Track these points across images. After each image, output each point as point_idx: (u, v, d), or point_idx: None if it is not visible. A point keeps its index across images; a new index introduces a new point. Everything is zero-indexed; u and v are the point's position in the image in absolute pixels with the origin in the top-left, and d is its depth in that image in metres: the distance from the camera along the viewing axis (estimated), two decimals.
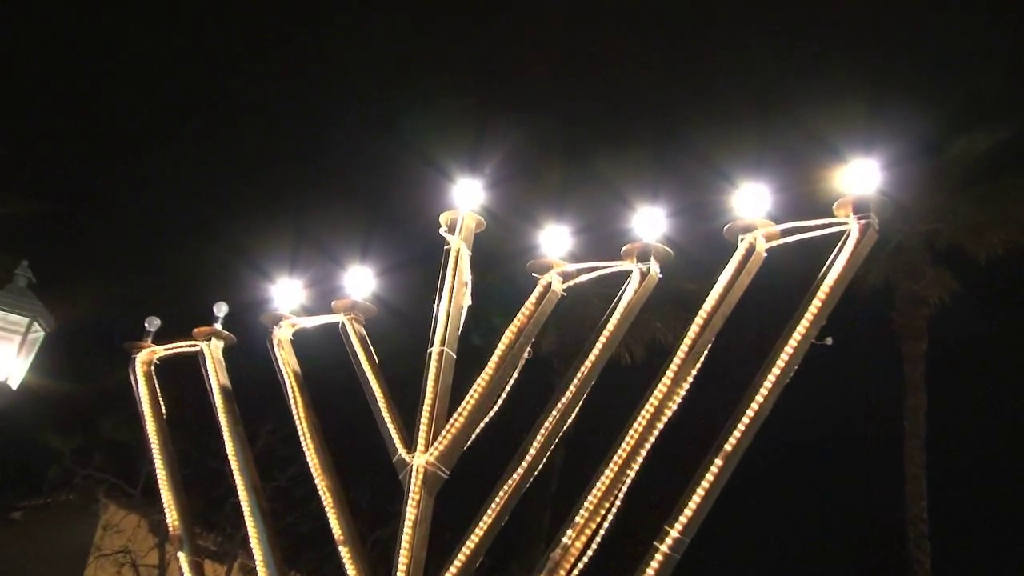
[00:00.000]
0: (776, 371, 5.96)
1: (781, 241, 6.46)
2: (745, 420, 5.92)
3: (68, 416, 19.54)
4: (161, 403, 8.69)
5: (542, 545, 20.24)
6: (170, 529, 8.21)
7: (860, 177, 6.16)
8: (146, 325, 8.92)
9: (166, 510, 8.26)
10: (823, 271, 6.09)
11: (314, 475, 7.51)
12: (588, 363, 6.80)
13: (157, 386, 8.77)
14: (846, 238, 6.10)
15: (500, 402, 7.08)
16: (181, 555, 8.00)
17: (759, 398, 5.94)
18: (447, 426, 6.97)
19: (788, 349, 5.97)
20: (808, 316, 5.97)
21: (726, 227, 6.52)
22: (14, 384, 9.08)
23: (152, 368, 8.83)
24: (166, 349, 8.85)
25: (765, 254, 6.47)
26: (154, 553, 19.58)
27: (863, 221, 6.08)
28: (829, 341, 6.01)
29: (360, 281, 8.04)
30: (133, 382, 8.80)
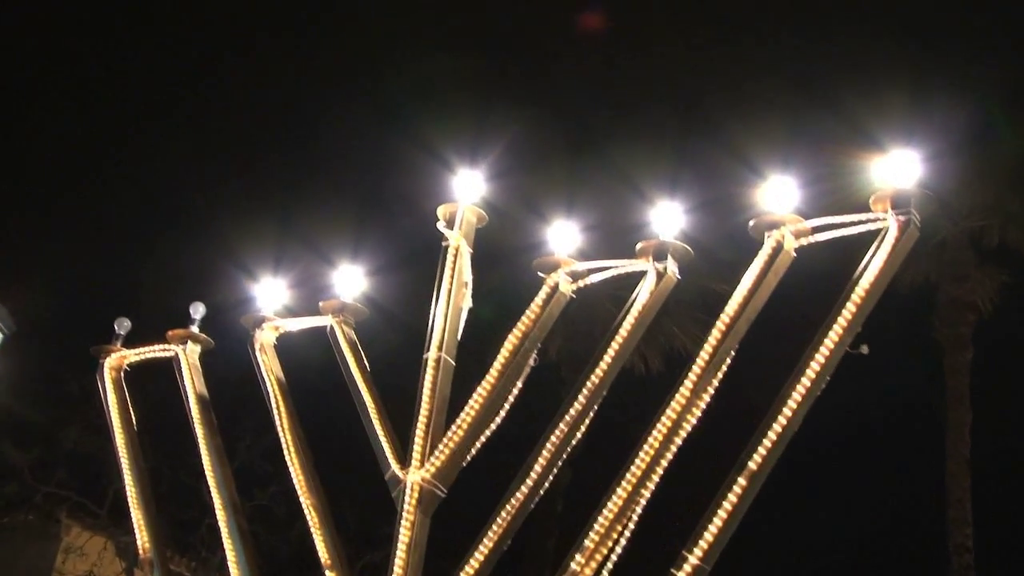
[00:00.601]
0: (806, 382, 5.97)
1: (812, 239, 6.47)
2: (771, 436, 5.93)
3: (27, 426, 19.55)
4: (132, 413, 8.71)
5: (547, 572, 20.25)
6: (140, 552, 8.24)
7: (899, 170, 6.17)
8: (115, 327, 8.94)
9: (136, 531, 8.29)
10: (858, 272, 6.10)
11: (299, 493, 7.54)
12: (599, 372, 6.81)
13: (127, 394, 8.80)
14: (884, 235, 6.11)
15: (503, 414, 7.10)
16: None
17: (787, 411, 5.96)
18: (444, 440, 6.98)
19: (819, 358, 5.98)
20: (841, 321, 5.98)
21: (751, 223, 6.54)
22: None
23: (122, 374, 8.86)
24: (137, 354, 8.88)
25: (794, 253, 6.49)
26: None
27: (903, 217, 6.09)
28: (865, 350, 6.02)
29: (350, 280, 8.07)
30: (101, 389, 8.82)
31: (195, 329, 8.66)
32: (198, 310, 8.72)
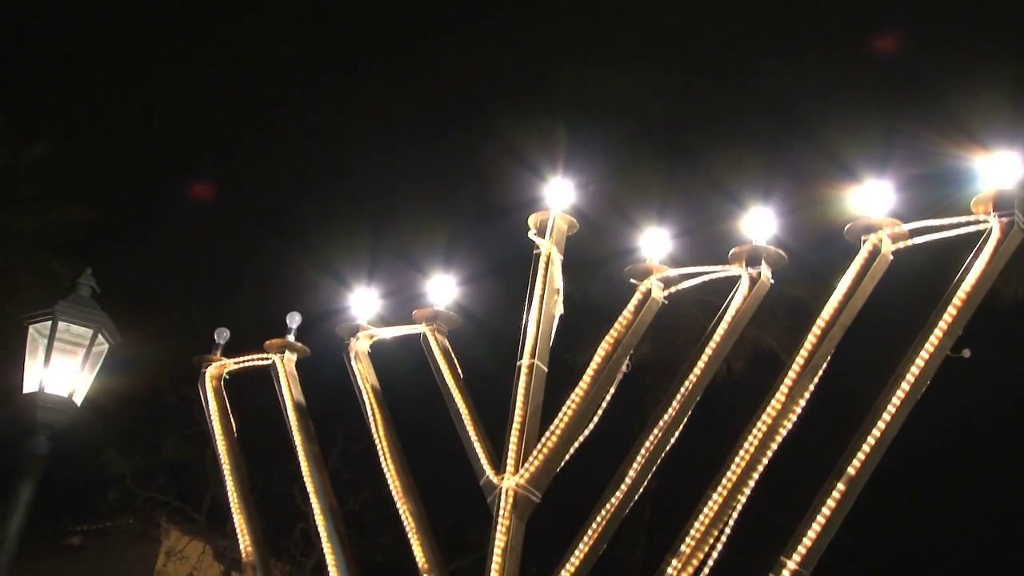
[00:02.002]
0: (905, 386, 5.88)
1: (909, 242, 6.38)
2: (870, 441, 5.86)
3: (131, 435, 20.13)
4: (232, 420, 8.93)
5: None
6: (243, 556, 8.40)
7: (1002, 171, 6.05)
8: (215, 337, 9.20)
9: (239, 535, 8.47)
10: (959, 275, 5.99)
11: (395, 498, 7.62)
12: (693, 378, 6.79)
13: (227, 402, 9.02)
14: (986, 238, 6.00)
15: (595, 420, 7.12)
16: None
17: (886, 416, 5.88)
18: (538, 446, 7.01)
19: (919, 362, 5.89)
20: (942, 324, 5.88)
21: (847, 227, 6.47)
22: (78, 400, 9.38)
23: (222, 383, 9.09)
24: (236, 363, 9.10)
25: (891, 257, 6.40)
26: None
27: (1005, 219, 5.97)
28: (967, 353, 5.91)
29: (443, 289, 8.17)
30: (203, 397, 9.06)
31: (291, 338, 8.85)
32: (294, 319, 8.91)
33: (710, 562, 6.25)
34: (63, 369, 9.28)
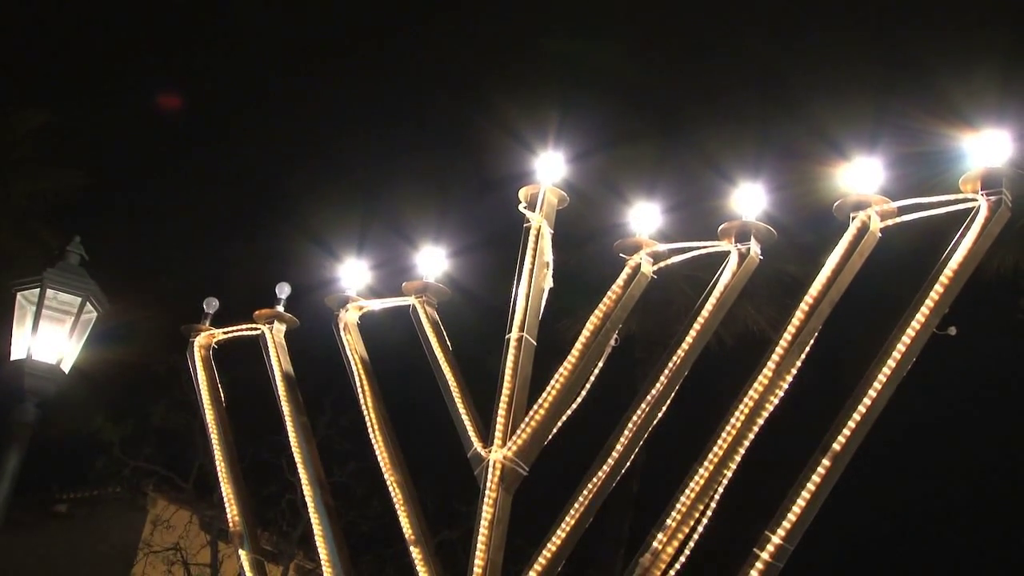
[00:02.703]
0: (891, 363, 5.91)
1: (898, 220, 6.40)
2: (856, 417, 5.90)
3: (118, 403, 20.15)
4: (220, 390, 8.95)
5: (622, 551, 20.31)
6: (230, 525, 8.44)
7: (990, 149, 6.06)
8: (204, 307, 9.19)
9: (226, 505, 8.50)
10: (946, 252, 6.02)
11: (383, 470, 7.65)
12: (681, 352, 6.81)
13: (216, 372, 9.03)
14: (973, 216, 6.02)
15: (584, 394, 7.15)
16: (243, 552, 8.23)
17: (872, 393, 5.91)
18: (526, 419, 7.04)
19: (905, 339, 5.92)
20: (929, 302, 5.91)
21: (836, 204, 6.49)
22: (66, 367, 9.38)
23: (210, 352, 9.10)
24: (225, 332, 9.10)
25: (880, 234, 6.42)
26: (206, 552, 20.10)
27: (993, 197, 5.99)
28: (952, 331, 5.95)
29: (432, 261, 8.18)
30: (191, 367, 9.07)
31: (281, 308, 8.85)
32: (284, 290, 8.91)
33: (695, 536, 6.30)
34: (51, 336, 9.28)
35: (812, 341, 6.39)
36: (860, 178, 6.44)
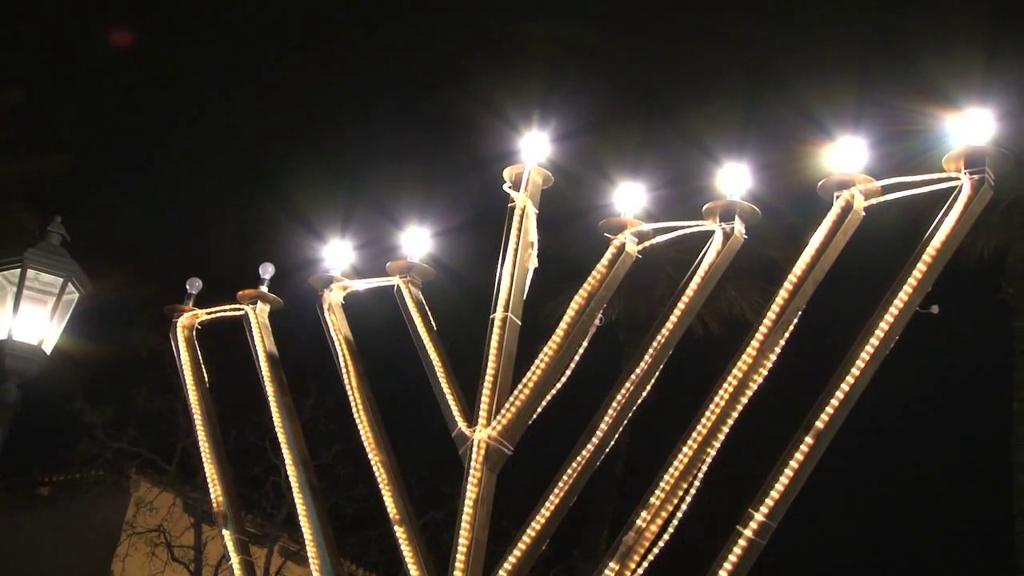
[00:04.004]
0: (874, 341, 5.95)
1: (882, 199, 6.43)
2: (839, 395, 5.94)
3: (101, 385, 20.07)
4: (204, 371, 8.93)
5: (605, 531, 20.42)
6: (214, 506, 8.44)
7: (973, 128, 6.09)
8: (187, 287, 9.16)
9: (210, 486, 8.49)
10: (930, 231, 6.06)
11: (367, 450, 7.67)
12: (665, 331, 6.84)
13: (199, 352, 9.01)
14: (956, 195, 6.05)
15: (568, 373, 7.17)
16: (226, 533, 8.24)
17: (854, 371, 5.95)
18: (511, 398, 7.06)
19: (888, 317, 5.96)
20: (912, 280, 5.95)
21: (820, 183, 6.51)
22: (48, 348, 9.35)
23: (194, 333, 9.07)
24: (208, 313, 9.08)
25: (863, 213, 6.45)
26: (189, 534, 20.09)
27: (976, 176, 6.02)
28: (935, 309, 5.99)
29: (417, 241, 8.17)
30: (174, 348, 9.05)
31: (265, 289, 8.83)
32: (268, 270, 8.89)
33: (679, 514, 6.34)
34: (32, 317, 9.25)
35: (796, 320, 6.42)
36: (844, 157, 6.46)
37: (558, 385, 7.15)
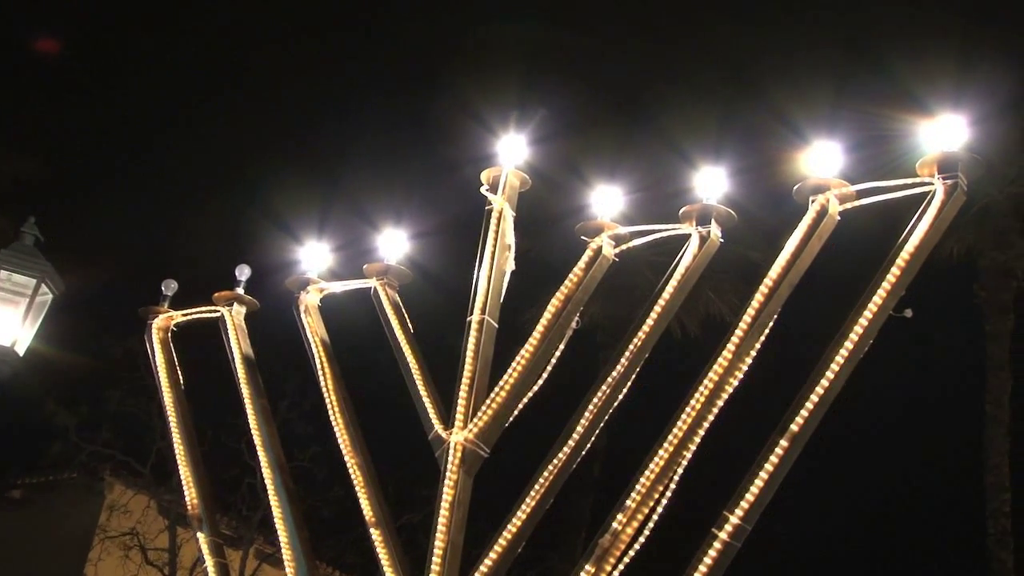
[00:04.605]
0: (849, 345, 6.00)
1: (856, 203, 6.47)
2: (813, 398, 5.98)
3: (75, 387, 19.93)
4: (179, 373, 8.88)
5: (583, 533, 20.46)
6: (189, 508, 8.39)
7: (946, 134, 6.15)
8: (162, 288, 9.11)
9: (184, 488, 8.44)
10: (903, 235, 6.11)
11: (344, 452, 7.65)
12: (642, 334, 6.86)
13: (175, 354, 8.96)
14: (930, 200, 6.11)
15: (545, 376, 7.18)
16: (201, 535, 8.19)
17: (829, 374, 5.99)
18: (487, 401, 7.06)
19: (862, 321, 6.00)
20: (886, 284, 5.99)
21: (796, 187, 6.55)
22: (21, 350, 9.29)
23: (169, 335, 9.02)
24: (184, 315, 9.03)
25: (838, 217, 6.50)
26: (164, 536, 19.98)
27: (949, 181, 6.08)
28: (909, 313, 6.04)
29: (394, 244, 8.16)
30: (149, 350, 8.99)
31: (241, 291, 8.79)
32: (244, 272, 8.85)
33: (655, 516, 6.36)
34: (5, 318, 9.19)
35: (771, 323, 6.46)
36: (820, 162, 6.50)
37: (535, 387, 7.15)
